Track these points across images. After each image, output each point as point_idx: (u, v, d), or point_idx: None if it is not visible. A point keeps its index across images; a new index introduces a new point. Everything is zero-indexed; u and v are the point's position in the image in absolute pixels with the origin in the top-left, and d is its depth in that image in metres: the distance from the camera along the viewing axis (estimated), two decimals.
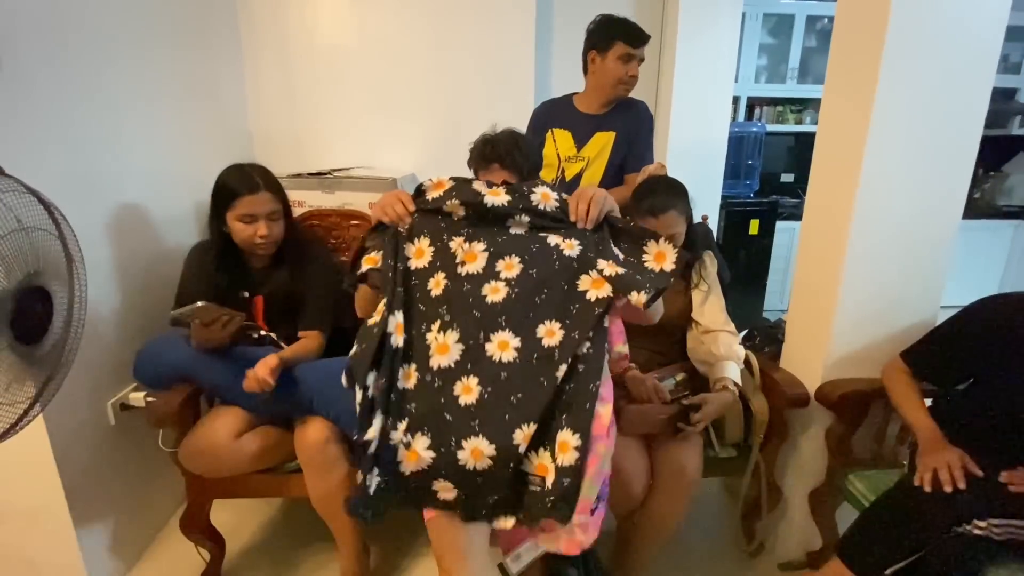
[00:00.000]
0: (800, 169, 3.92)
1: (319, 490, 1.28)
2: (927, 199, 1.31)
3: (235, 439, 1.29)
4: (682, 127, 2.59)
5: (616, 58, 1.65)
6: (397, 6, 2.24)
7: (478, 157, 1.32)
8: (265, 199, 1.34)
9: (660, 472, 1.29)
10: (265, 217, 1.34)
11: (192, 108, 1.84)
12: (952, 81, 1.23)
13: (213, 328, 1.23)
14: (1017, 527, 0.97)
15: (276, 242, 1.39)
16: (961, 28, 1.20)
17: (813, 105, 3.71)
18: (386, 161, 2.38)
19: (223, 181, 1.36)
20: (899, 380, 1.28)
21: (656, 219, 1.32)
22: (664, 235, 1.12)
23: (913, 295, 1.38)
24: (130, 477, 1.53)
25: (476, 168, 1.34)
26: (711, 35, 2.51)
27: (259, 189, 1.34)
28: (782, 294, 3.56)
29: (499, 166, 1.28)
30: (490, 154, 1.28)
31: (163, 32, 1.67)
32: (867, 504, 1.22)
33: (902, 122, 1.24)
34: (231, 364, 1.27)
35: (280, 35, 2.21)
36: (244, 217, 1.33)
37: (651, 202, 1.34)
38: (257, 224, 1.34)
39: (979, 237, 3.52)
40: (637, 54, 1.65)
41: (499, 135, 1.32)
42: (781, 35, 3.45)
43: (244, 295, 1.42)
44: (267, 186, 1.35)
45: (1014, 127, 3.82)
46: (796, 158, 3.91)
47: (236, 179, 1.35)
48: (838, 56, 1.34)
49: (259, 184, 1.34)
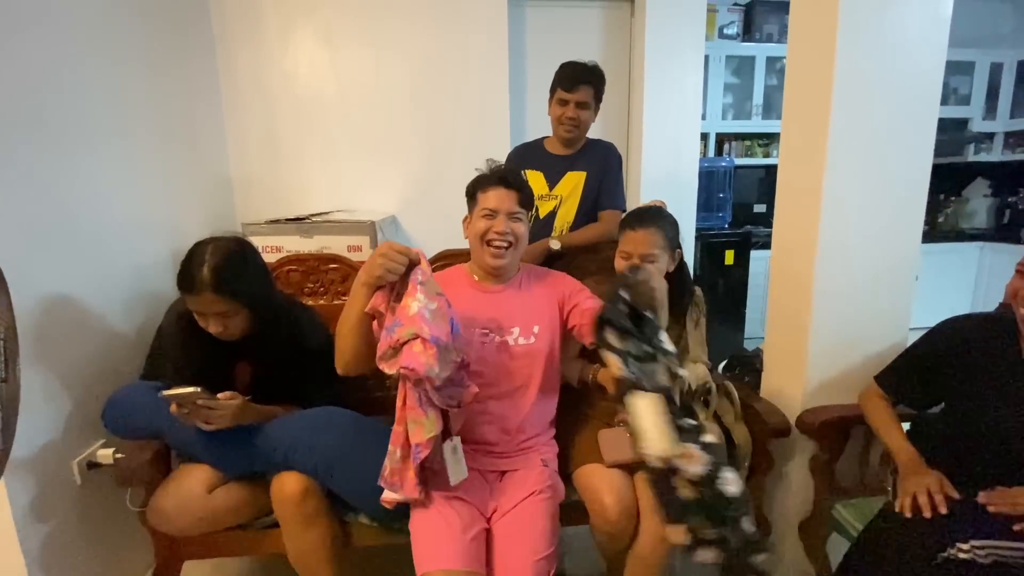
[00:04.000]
0: (771, 199, 4.05)
1: (297, 546, 1.23)
2: (886, 226, 1.37)
3: (207, 494, 1.24)
4: (654, 163, 2.69)
5: (556, 102, 1.75)
6: (374, 53, 2.33)
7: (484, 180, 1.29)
8: (207, 300, 1.16)
9: (645, 507, 1.27)
10: (213, 315, 1.19)
11: (172, 155, 1.85)
12: (899, 115, 1.31)
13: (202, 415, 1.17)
14: (1000, 548, 0.97)
15: (234, 336, 1.24)
16: (903, 66, 1.28)
17: (779, 139, 3.86)
18: (366, 204, 2.41)
19: (181, 264, 1.20)
20: (875, 404, 1.29)
21: (635, 231, 1.34)
22: (637, 253, 1.22)
23: (882, 319, 1.41)
24: (97, 541, 1.46)
25: (475, 189, 1.30)
26: (676, 76, 2.64)
27: (200, 290, 1.15)
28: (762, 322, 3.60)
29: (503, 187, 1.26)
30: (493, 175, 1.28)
31: (142, 76, 1.71)
32: (855, 533, 1.21)
33: (856, 155, 1.30)
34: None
35: (260, 82, 2.27)
36: (195, 310, 1.20)
37: (639, 215, 1.38)
38: (207, 320, 1.20)
39: (947, 260, 3.66)
40: (571, 98, 1.72)
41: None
42: (744, 75, 3.63)
43: (227, 365, 1.32)
44: (215, 287, 1.14)
45: (969, 154, 4.02)
46: (767, 189, 4.05)
47: (181, 273, 1.18)
48: (792, 98, 1.42)
49: (198, 285, 1.14)
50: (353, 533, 1.33)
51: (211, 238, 1.23)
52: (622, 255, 1.38)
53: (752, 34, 3.64)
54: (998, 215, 4.10)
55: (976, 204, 4.15)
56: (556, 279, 1.38)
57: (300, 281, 1.70)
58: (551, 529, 1.15)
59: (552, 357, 1.31)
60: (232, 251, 1.20)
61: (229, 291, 1.17)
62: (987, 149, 4.06)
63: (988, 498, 1.03)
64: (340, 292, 1.71)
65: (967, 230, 4.02)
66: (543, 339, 1.29)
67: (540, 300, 1.32)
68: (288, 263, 1.70)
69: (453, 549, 1.06)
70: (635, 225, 1.35)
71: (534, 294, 1.33)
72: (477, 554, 1.09)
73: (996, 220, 4.09)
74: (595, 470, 1.30)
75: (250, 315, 1.24)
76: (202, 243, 1.21)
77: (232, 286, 1.17)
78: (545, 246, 1.71)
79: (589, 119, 1.77)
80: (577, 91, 1.71)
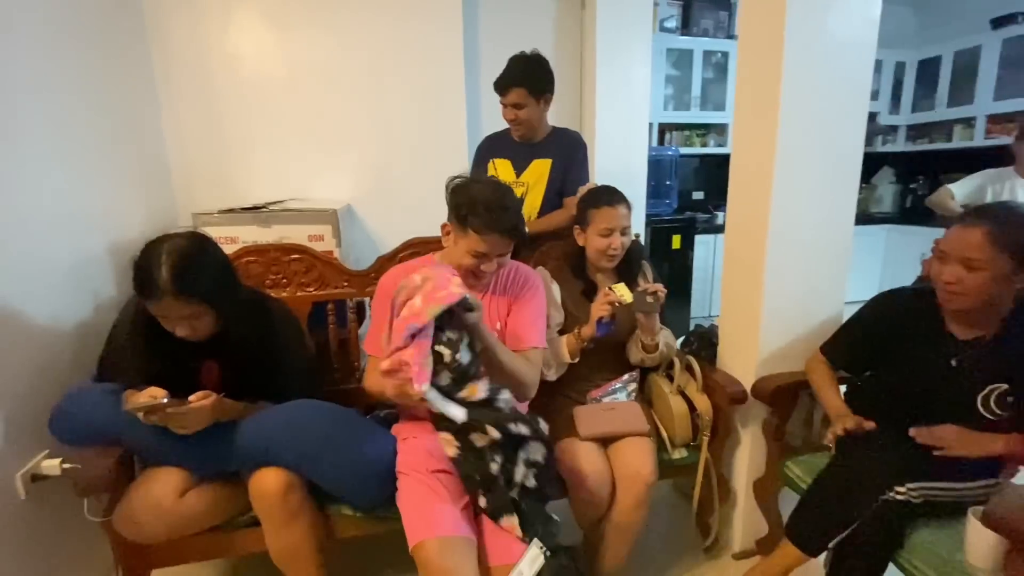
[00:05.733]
0: (708, 187, 4.31)
1: (281, 543, 1.20)
2: (827, 210, 1.51)
3: (178, 498, 1.18)
4: (606, 152, 2.78)
5: (500, 103, 1.82)
6: (327, 37, 2.24)
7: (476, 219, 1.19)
8: (171, 305, 1.09)
9: (619, 477, 1.35)
10: (179, 319, 1.13)
11: (102, 142, 1.70)
12: (837, 110, 1.44)
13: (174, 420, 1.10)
14: (930, 488, 1.12)
15: (203, 337, 1.18)
16: (841, 65, 1.40)
17: (715, 129, 4.11)
18: (319, 193, 2.33)
19: (134, 266, 1.10)
20: (818, 371, 1.44)
21: (613, 208, 1.48)
22: (619, 227, 1.41)
23: (823, 294, 1.56)
24: (47, 557, 1.35)
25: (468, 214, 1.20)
26: (625, 67, 2.73)
27: (161, 296, 1.07)
28: (705, 302, 3.84)
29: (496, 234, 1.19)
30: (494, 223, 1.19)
31: (66, 57, 1.55)
32: (805, 486, 1.35)
33: (802, 148, 1.43)
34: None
35: (200, 64, 2.13)
36: (159, 315, 1.13)
37: (608, 195, 1.51)
38: (172, 324, 1.14)
39: (859, 241, 3.95)
40: (506, 101, 1.79)
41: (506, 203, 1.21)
42: (683, 67, 3.80)
43: (192, 363, 1.25)
44: (177, 290, 1.07)
45: (877, 145, 4.44)
46: (704, 177, 4.29)
47: (139, 279, 1.08)
48: (744, 96, 1.51)
49: (158, 291, 1.07)
50: (335, 525, 1.32)
51: (164, 236, 1.14)
52: (601, 232, 1.49)
53: (690, 28, 3.81)
54: (902, 200, 4.56)
55: (883, 191, 4.60)
56: (518, 277, 1.38)
57: (261, 273, 1.63)
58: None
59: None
60: (190, 249, 1.12)
61: (193, 293, 1.10)
62: (892, 141, 4.50)
63: (917, 432, 1.18)
64: (304, 283, 1.66)
65: (876, 214, 4.45)
66: (502, 336, 1.32)
67: (503, 296, 1.35)
68: (247, 254, 1.63)
69: (447, 517, 1.08)
70: (612, 201, 1.49)
71: (501, 290, 1.36)
72: (469, 523, 1.12)
73: (900, 205, 4.56)
74: (572, 443, 1.37)
75: (218, 314, 1.18)
76: (155, 243, 1.11)
77: (195, 288, 1.10)
78: None
79: (532, 115, 1.80)
80: (508, 94, 1.77)
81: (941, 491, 1.13)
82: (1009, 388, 1.14)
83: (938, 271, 1.18)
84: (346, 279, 1.68)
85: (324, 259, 1.67)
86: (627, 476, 1.34)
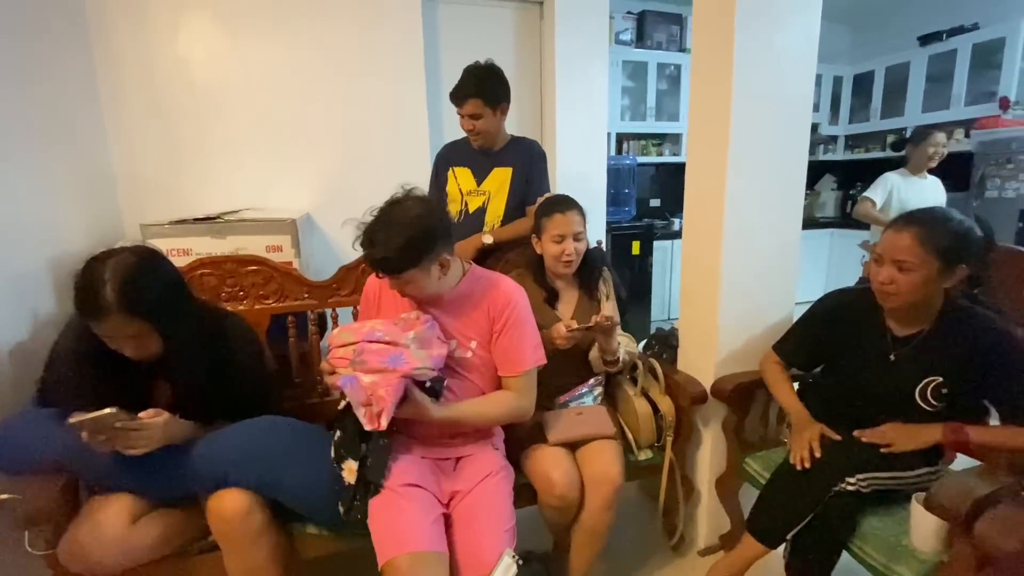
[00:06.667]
0: (664, 194, 4.44)
1: (244, 566, 1.14)
2: (777, 215, 1.59)
3: (130, 525, 1.12)
4: (567, 160, 2.82)
5: (457, 114, 1.81)
6: (282, 42, 2.19)
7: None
8: (116, 324, 1.03)
9: (587, 481, 1.37)
10: (125, 339, 1.07)
11: (40, 149, 1.61)
12: (783, 122, 1.52)
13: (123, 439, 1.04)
14: (878, 478, 1.19)
15: (153, 356, 1.12)
16: (785, 80, 1.49)
17: (669, 139, 4.25)
18: (276, 202, 2.27)
19: (75, 285, 1.03)
20: (771, 370, 1.50)
21: (564, 215, 1.51)
22: (571, 232, 1.46)
23: (775, 296, 1.64)
24: None
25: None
26: (583, 77, 2.79)
27: (105, 315, 1.01)
28: (664, 305, 3.94)
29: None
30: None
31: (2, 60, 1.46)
32: (763, 481, 1.40)
33: (752, 158, 1.50)
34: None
35: (147, 68, 2.04)
36: (104, 335, 1.07)
37: (559, 203, 1.54)
38: (118, 344, 1.08)
39: (805, 244, 4.16)
40: (462, 112, 1.80)
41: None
42: (638, 79, 3.92)
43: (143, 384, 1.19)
44: (124, 308, 1.01)
45: (819, 154, 4.71)
46: (660, 185, 4.42)
47: (80, 298, 1.02)
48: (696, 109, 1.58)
49: (102, 310, 1.00)
50: (301, 545, 1.28)
51: (109, 252, 1.07)
52: (554, 239, 1.51)
53: (644, 41, 3.94)
54: (843, 205, 4.84)
55: (825, 197, 4.87)
56: (497, 297, 1.28)
57: (216, 286, 1.57)
58: (511, 505, 1.21)
59: (491, 366, 1.30)
60: (137, 265, 1.06)
61: (141, 311, 1.04)
62: (832, 150, 4.79)
63: (861, 433, 1.25)
64: (262, 296, 1.61)
65: (819, 219, 4.71)
66: (478, 355, 1.27)
67: (479, 315, 1.27)
68: (201, 267, 1.56)
69: (417, 533, 1.07)
70: (563, 209, 1.52)
71: (474, 308, 1.28)
72: (440, 537, 1.11)
73: (841, 210, 4.83)
74: (541, 448, 1.39)
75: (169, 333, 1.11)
76: (98, 259, 1.05)
77: (143, 306, 1.04)
78: (479, 241, 1.75)
79: (489, 125, 1.80)
80: (465, 105, 1.76)
81: (887, 480, 1.20)
82: (943, 380, 1.22)
83: (875, 272, 1.26)
84: (307, 290, 1.64)
85: (283, 270, 1.62)
86: (596, 479, 1.36)
